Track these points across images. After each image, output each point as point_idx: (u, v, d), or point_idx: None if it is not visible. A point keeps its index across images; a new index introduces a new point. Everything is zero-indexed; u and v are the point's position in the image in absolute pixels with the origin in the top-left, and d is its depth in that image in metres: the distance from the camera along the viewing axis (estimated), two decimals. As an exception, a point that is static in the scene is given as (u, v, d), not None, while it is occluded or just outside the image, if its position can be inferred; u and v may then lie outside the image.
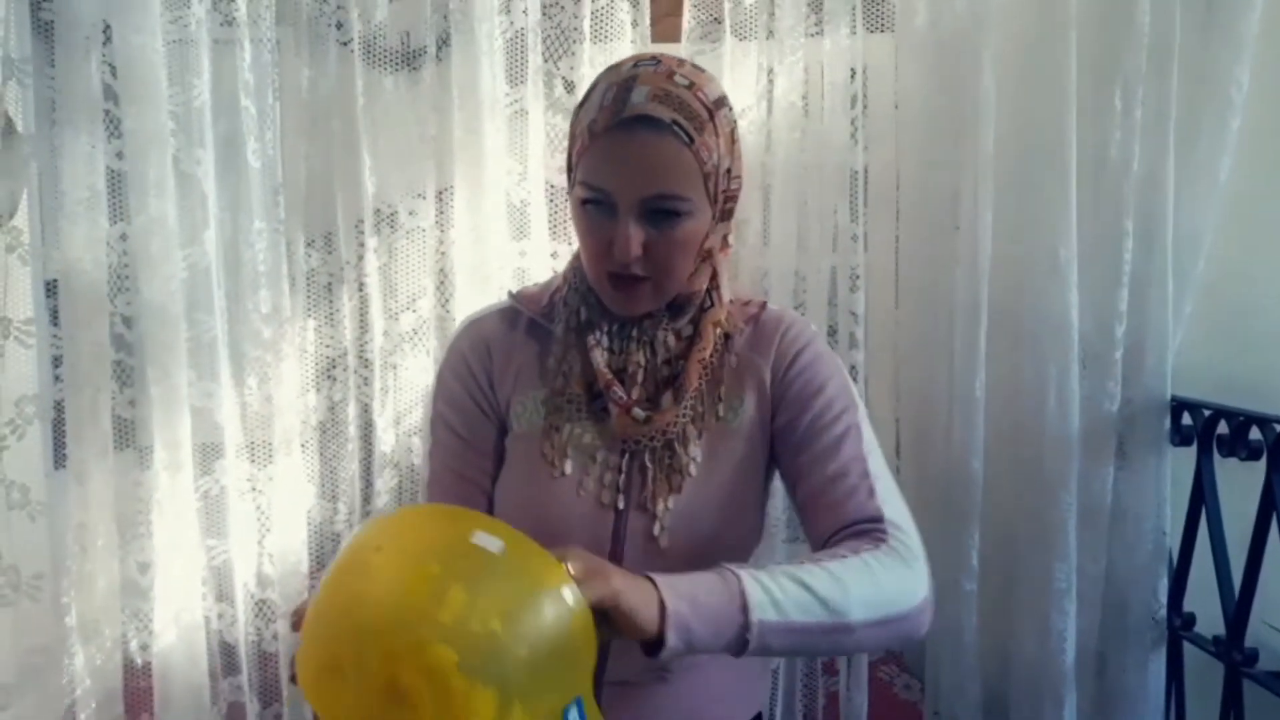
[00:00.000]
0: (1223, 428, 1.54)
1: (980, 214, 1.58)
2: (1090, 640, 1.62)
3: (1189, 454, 1.60)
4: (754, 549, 1.13)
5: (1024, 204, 1.59)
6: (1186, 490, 1.60)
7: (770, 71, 1.64)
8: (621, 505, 1.06)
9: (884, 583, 0.95)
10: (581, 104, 1.04)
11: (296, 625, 0.85)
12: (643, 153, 0.98)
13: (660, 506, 1.05)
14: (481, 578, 0.77)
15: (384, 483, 1.63)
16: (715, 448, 1.08)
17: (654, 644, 0.86)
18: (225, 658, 1.66)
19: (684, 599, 0.87)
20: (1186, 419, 1.60)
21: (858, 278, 1.64)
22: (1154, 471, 1.60)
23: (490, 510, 1.12)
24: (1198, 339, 1.62)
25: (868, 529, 1.01)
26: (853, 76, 1.64)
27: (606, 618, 0.83)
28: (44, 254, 1.55)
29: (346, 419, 1.63)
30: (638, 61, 1.03)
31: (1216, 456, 1.56)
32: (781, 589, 0.91)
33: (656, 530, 1.05)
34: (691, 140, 0.99)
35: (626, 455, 1.07)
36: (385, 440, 1.63)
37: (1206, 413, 1.56)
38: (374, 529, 0.85)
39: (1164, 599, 1.60)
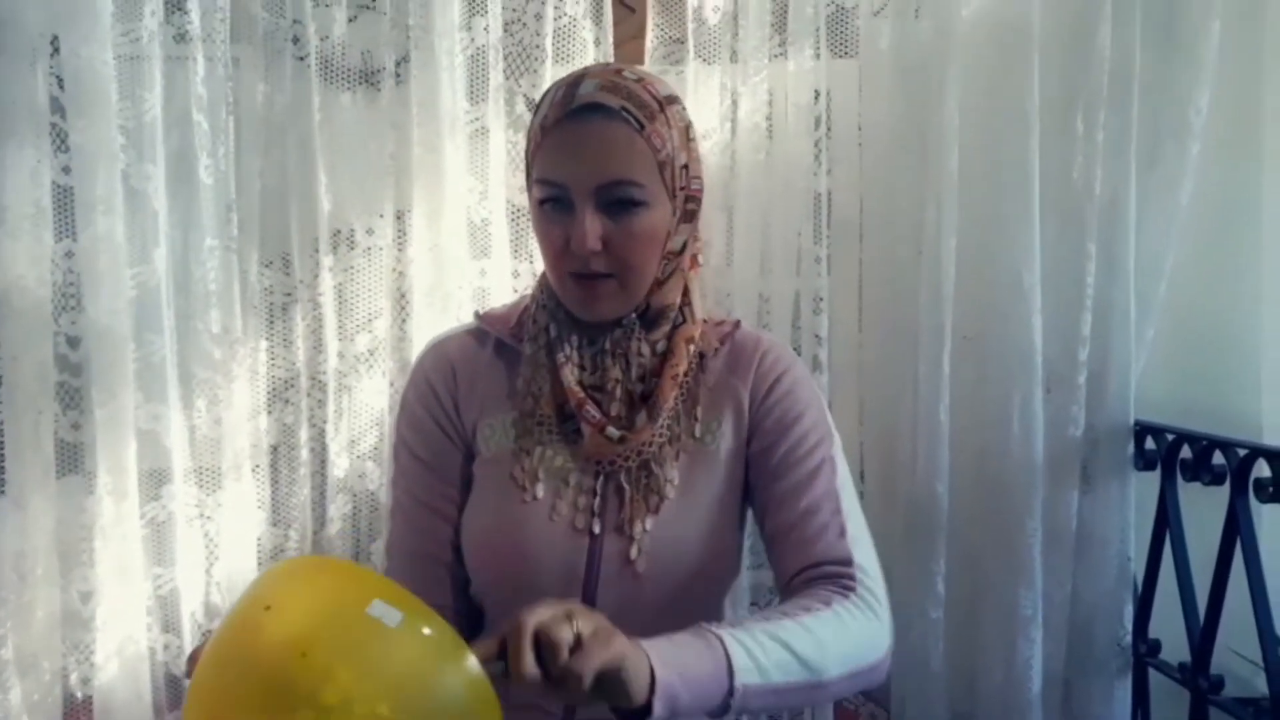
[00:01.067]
0: (1186, 452, 1.53)
1: (944, 238, 1.57)
2: (1056, 667, 1.60)
3: (1153, 478, 1.60)
4: (733, 579, 1.11)
5: (988, 228, 1.59)
6: (1151, 515, 1.60)
7: (734, 93, 1.63)
8: (597, 529, 1.03)
9: (856, 637, 0.95)
10: (535, 109, 1.05)
11: (189, 673, 0.82)
12: (594, 139, 0.98)
13: (638, 528, 1.02)
14: (372, 654, 0.73)
15: (337, 509, 1.59)
16: (693, 469, 1.05)
17: (637, 712, 0.83)
18: (171, 691, 1.59)
19: (673, 668, 0.84)
20: (1150, 443, 1.60)
21: (821, 300, 1.62)
22: (1118, 496, 1.59)
23: (456, 542, 1.09)
24: (1160, 363, 1.63)
25: (836, 572, 1.00)
26: (816, 99, 1.63)
27: (599, 682, 0.79)
28: (-15, 271, 1.50)
29: (299, 443, 1.59)
30: (587, 68, 1.05)
31: (1180, 481, 1.55)
32: (764, 650, 0.89)
33: (634, 554, 1.02)
34: (642, 126, 0.98)
35: (601, 477, 1.04)
36: (339, 465, 1.59)
37: (1170, 437, 1.56)
38: (268, 583, 0.82)
39: (1129, 625, 1.59)
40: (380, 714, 0.71)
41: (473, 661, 0.76)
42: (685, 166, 1.03)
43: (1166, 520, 1.56)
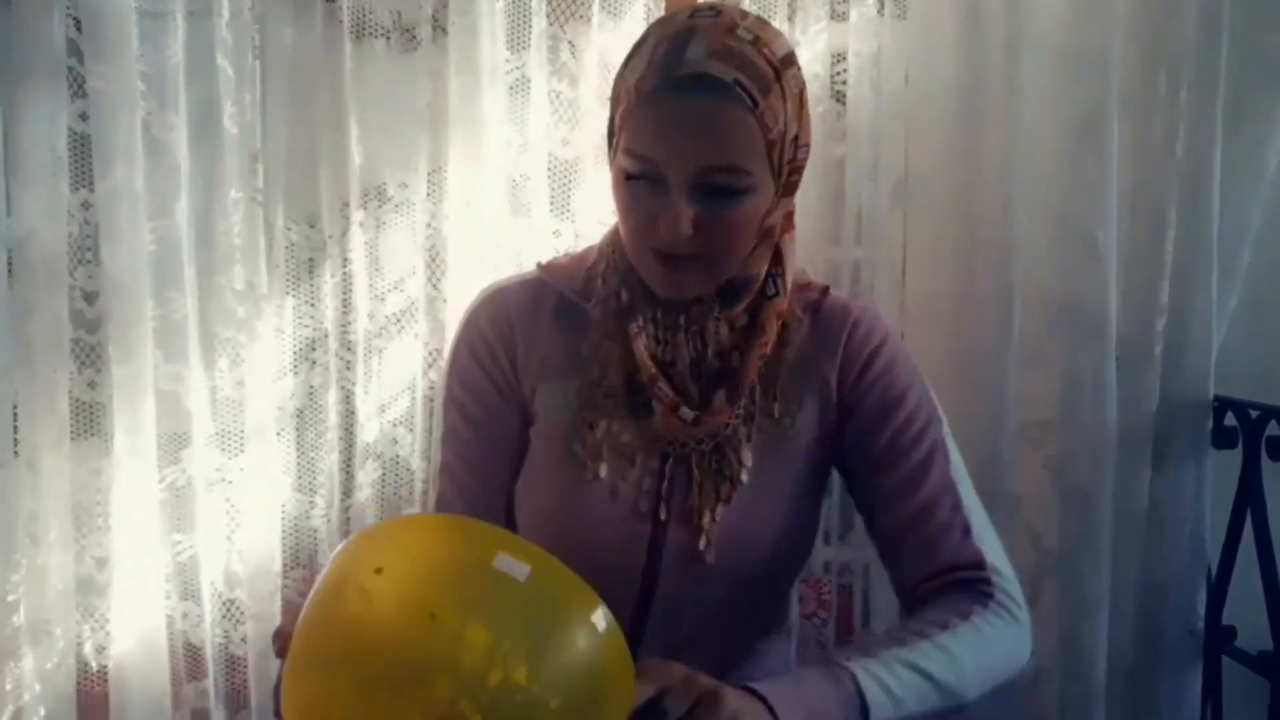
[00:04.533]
0: (1274, 429, 1.43)
1: (1015, 198, 1.46)
2: (1123, 654, 1.51)
3: (1229, 457, 1.50)
4: (804, 567, 1.02)
5: (1061, 188, 1.48)
6: (1227, 496, 1.50)
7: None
8: (662, 515, 0.94)
9: (997, 650, 0.88)
10: (628, 60, 0.91)
11: (281, 651, 0.73)
12: (698, 119, 0.85)
13: (706, 518, 0.93)
14: (505, 612, 0.65)
15: (366, 475, 1.50)
16: (769, 454, 0.96)
17: None
18: (190, 661, 1.52)
19: (798, 712, 0.76)
20: (1230, 419, 1.50)
21: (883, 266, 1.52)
22: (1193, 475, 1.50)
23: (510, 511, 1.01)
24: (1243, 334, 1.52)
25: (969, 578, 0.91)
26: (872, 57, 1.53)
27: None
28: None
29: (326, 406, 1.50)
30: (694, 11, 0.89)
31: (1265, 460, 1.45)
32: (899, 681, 0.81)
33: (702, 545, 0.93)
34: (756, 104, 0.85)
35: (669, 459, 0.95)
36: (368, 430, 1.50)
37: (1254, 413, 1.46)
38: (371, 543, 0.73)
39: (1202, 611, 1.50)
40: (520, 679, 0.63)
41: (605, 613, 0.68)
42: (795, 138, 0.90)
43: (1246, 501, 1.47)
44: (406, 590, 0.66)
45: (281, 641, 0.73)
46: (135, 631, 1.46)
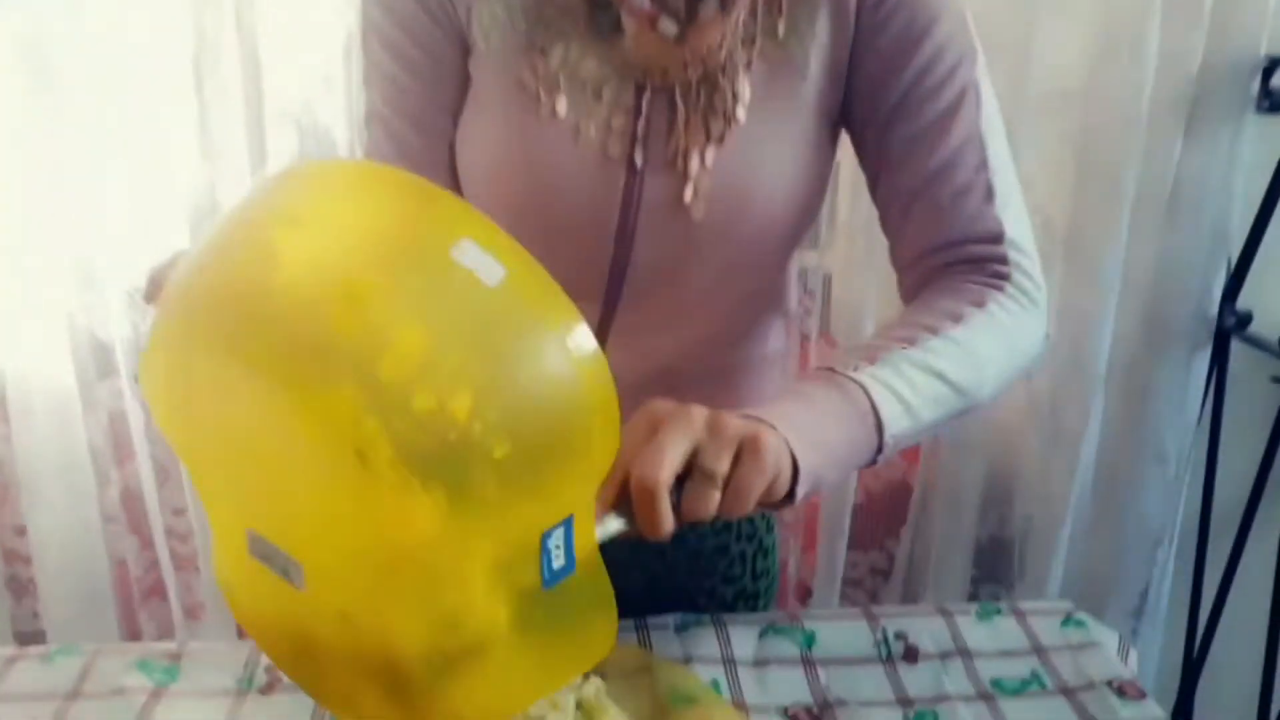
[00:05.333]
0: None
1: None
2: (1128, 340, 1.41)
3: (1268, 127, 1.33)
4: (807, 232, 0.84)
5: None
6: (1260, 171, 1.34)
7: None
8: (638, 161, 0.75)
9: (1013, 340, 0.75)
10: None
11: (152, 296, 0.58)
12: None
13: (694, 163, 0.75)
14: (457, 320, 0.47)
15: (280, 144, 1.28)
16: (772, 87, 0.76)
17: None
18: (100, 360, 1.37)
19: (815, 447, 0.63)
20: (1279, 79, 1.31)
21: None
22: (1229, 143, 1.33)
23: (452, 163, 0.80)
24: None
25: (983, 255, 0.76)
26: None
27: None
28: None
29: (224, 56, 1.24)
30: None
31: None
32: (914, 389, 0.69)
33: (688, 196, 0.75)
34: None
35: (646, 92, 0.75)
36: (278, 89, 1.26)
37: (1308, 70, 1.28)
38: (291, 188, 0.52)
39: (1218, 293, 1.39)
40: (457, 411, 0.45)
41: (586, 335, 0.50)
42: None
43: (1285, 173, 1.32)
44: (327, 255, 0.47)
45: (154, 286, 0.54)
46: (34, 328, 1.30)
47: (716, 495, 0.57)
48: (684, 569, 0.93)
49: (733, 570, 0.94)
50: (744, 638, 0.78)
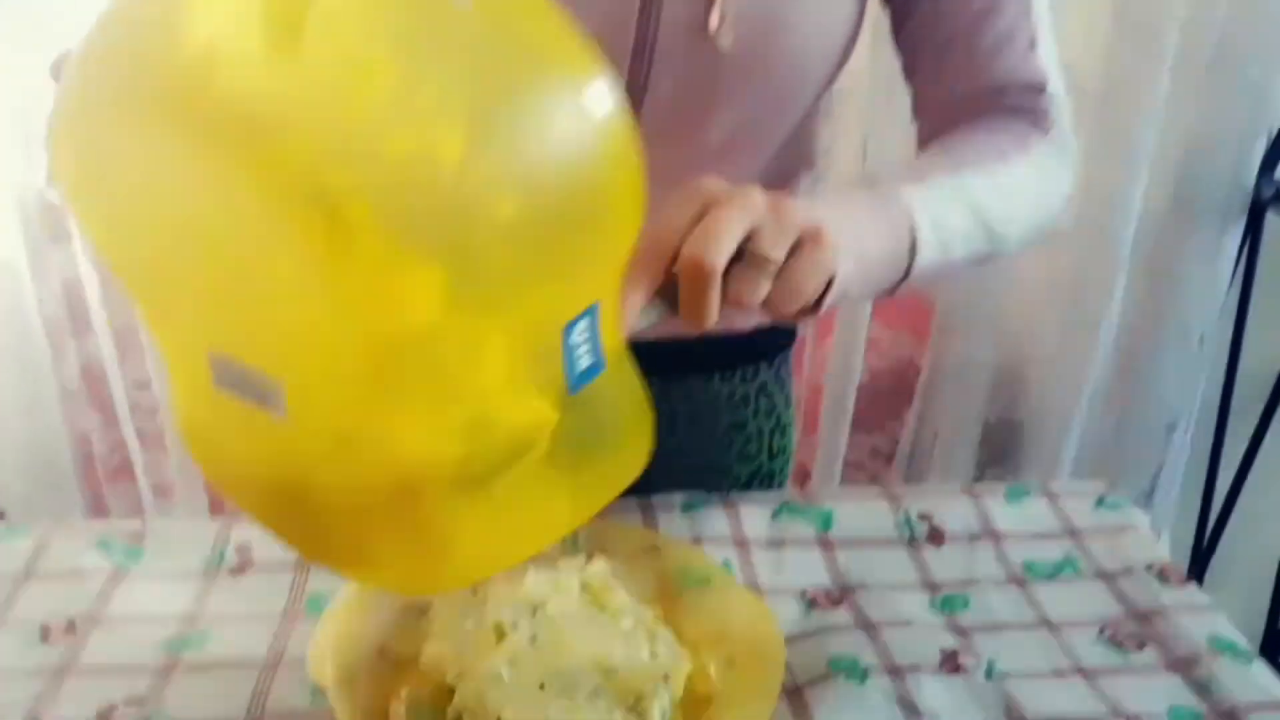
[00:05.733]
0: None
1: None
2: (1157, 210, 1.33)
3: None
4: (839, 72, 0.76)
5: None
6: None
7: None
8: None
9: (1046, 191, 0.72)
10: None
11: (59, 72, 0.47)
12: None
13: None
14: (439, 49, 0.37)
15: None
16: None
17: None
18: (48, 221, 1.27)
19: (855, 257, 0.56)
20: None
21: None
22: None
23: None
24: None
25: (1024, 105, 0.71)
26: None
27: None
28: None
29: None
30: None
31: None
32: (951, 223, 0.64)
33: (713, 22, 0.65)
34: None
35: None
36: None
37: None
38: None
39: (1256, 163, 1.30)
40: (444, 151, 0.36)
41: (611, 89, 0.40)
42: None
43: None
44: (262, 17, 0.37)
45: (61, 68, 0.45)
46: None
47: (768, 285, 0.51)
48: (696, 447, 0.86)
49: (749, 448, 0.87)
50: (756, 518, 0.73)
